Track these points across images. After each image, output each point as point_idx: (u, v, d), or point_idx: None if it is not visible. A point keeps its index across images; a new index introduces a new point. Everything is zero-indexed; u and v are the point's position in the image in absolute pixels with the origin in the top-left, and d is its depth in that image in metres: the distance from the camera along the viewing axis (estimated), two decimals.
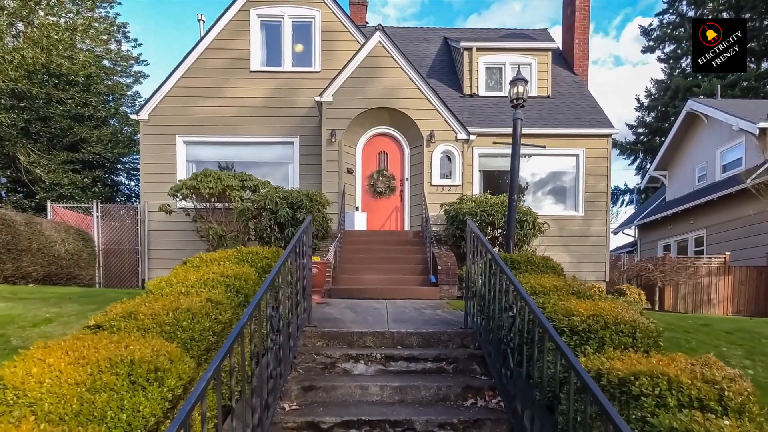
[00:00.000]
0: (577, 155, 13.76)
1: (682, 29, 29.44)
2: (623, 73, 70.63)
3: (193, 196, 10.88)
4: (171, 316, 3.14)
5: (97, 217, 11.99)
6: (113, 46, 20.46)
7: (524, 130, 13.69)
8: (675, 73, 30.59)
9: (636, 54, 68.10)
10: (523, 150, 13.59)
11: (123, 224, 12.37)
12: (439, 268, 9.87)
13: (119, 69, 20.82)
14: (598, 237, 13.72)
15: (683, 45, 29.80)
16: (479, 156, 13.59)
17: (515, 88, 6.76)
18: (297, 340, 4.89)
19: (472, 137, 12.29)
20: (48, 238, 10.14)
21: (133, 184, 21.40)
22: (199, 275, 4.07)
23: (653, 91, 32.04)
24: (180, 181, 10.77)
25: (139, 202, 12.54)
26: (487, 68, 14.94)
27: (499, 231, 10.98)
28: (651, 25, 31.73)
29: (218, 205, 11.19)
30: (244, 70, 12.85)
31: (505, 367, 3.96)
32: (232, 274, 4.19)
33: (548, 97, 14.85)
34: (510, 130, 13.35)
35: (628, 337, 3.27)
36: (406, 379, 4.62)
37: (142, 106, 12.66)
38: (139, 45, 23.93)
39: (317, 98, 11.85)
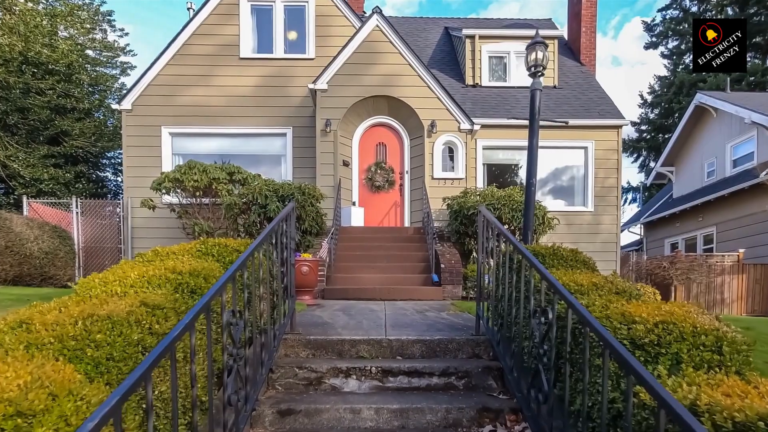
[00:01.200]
0: (585, 148, 12.84)
1: (686, 24, 28.53)
2: (621, 73, 69.78)
3: (178, 190, 9.98)
4: (80, 326, 2.21)
5: (77, 213, 11.06)
6: (98, 35, 19.32)
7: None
8: (679, 69, 29.65)
9: (634, 54, 67.13)
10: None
11: (105, 221, 11.45)
12: (442, 266, 9.01)
13: (104, 59, 19.62)
14: (608, 233, 12.79)
15: (687, 40, 28.89)
16: (483, 149, 12.65)
17: (533, 54, 5.85)
18: (274, 351, 3.96)
19: (476, 127, 11.38)
20: (18, 235, 9.20)
21: (119, 180, 20.22)
22: (144, 271, 3.14)
23: (656, 87, 31.12)
24: (163, 173, 9.85)
25: (122, 198, 11.60)
26: (490, 57, 14.02)
27: (506, 227, 10.09)
28: (654, 20, 30.87)
29: (205, 200, 10.28)
30: (234, 57, 11.93)
31: (535, 389, 3.03)
32: (188, 270, 3.25)
33: (555, 87, 13.94)
34: (517, 122, 12.52)
35: (713, 353, 2.34)
36: (408, 398, 3.68)
37: (124, 95, 11.73)
38: (126, 35, 22.76)
39: (311, 85, 10.94)
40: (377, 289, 8.40)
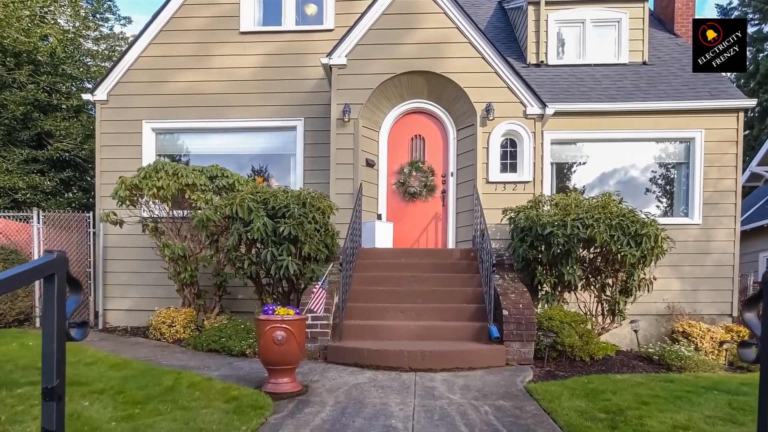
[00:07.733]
0: (691, 139, 8.98)
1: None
2: None
3: (142, 200, 7.02)
4: None
5: (39, 229, 8.30)
6: (104, 27, 16.56)
7: (616, 106, 9.02)
8: (760, 57, 24.54)
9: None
10: (610, 134, 9.04)
11: (76, 238, 8.66)
12: (505, 313, 5.68)
13: (105, 52, 16.84)
14: (722, 254, 8.84)
15: None
16: (551, 143, 9.01)
17: None
18: None
19: (549, 111, 7.82)
20: None
21: None
22: None
23: (732, 78, 26.09)
24: (120, 179, 6.89)
25: (94, 210, 8.75)
26: (559, 28, 10.35)
27: (596, 250, 6.59)
28: (730, 3, 25.89)
29: (180, 212, 7.29)
30: (233, 32, 8.85)
31: None
32: None
33: (644, 63, 10.12)
34: (598, 107, 8.91)
35: None
36: None
37: (99, 83, 8.89)
38: (130, 23, 20.09)
39: (324, 60, 7.71)
40: (405, 352, 5.11)
